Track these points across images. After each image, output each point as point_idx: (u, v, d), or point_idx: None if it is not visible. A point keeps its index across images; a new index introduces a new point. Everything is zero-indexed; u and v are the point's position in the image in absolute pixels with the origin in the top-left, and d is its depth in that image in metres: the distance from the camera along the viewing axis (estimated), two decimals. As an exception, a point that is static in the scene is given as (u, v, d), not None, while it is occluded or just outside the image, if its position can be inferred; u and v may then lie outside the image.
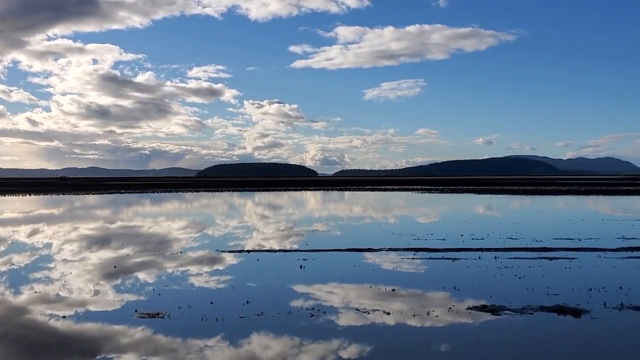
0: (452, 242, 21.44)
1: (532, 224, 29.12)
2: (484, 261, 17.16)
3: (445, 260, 17.52)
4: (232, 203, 56.02)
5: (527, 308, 11.40)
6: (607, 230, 25.25)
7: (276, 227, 28.85)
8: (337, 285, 13.88)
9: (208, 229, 28.30)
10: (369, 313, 11.21)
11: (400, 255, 18.56)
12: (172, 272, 16.00)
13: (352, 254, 18.83)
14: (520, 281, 14.10)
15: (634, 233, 24.06)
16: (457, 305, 11.78)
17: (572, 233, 24.18)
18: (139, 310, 11.58)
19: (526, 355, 8.94)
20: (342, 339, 9.61)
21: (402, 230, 25.96)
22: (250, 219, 34.64)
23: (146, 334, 9.99)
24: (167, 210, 46.08)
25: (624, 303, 11.72)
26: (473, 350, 9.14)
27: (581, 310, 11.20)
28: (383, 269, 16.25)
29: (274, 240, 23.26)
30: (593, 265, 16.28)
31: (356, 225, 29.79)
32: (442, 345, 9.31)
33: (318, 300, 12.38)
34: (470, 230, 25.72)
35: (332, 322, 10.64)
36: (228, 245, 21.33)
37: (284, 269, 16.24)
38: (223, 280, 14.65)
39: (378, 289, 13.36)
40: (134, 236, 25.40)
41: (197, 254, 19.36)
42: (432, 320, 10.68)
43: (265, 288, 13.73)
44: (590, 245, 20.37)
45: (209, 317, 10.93)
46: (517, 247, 19.90)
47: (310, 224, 30.60)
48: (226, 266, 16.95)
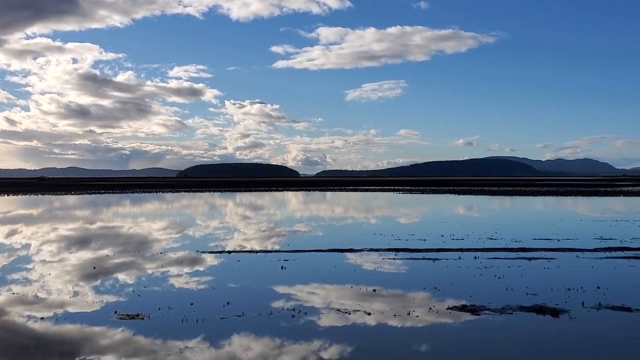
0: (432, 243, 21.55)
1: (511, 224, 29.38)
2: (464, 261, 17.28)
3: (426, 260, 17.61)
4: (213, 203, 55.79)
5: (506, 308, 11.50)
6: (585, 231, 25.55)
7: (257, 228, 28.79)
8: (318, 286, 13.89)
9: (188, 230, 28.16)
10: (350, 313, 11.23)
11: (381, 255, 18.62)
12: (152, 273, 15.90)
13: (333, 255, 18.85)
14: (499, 281, 14.21)
15: (612, 233, 24.37)
16: (437, 305, 11.84)
17: (550, 233, 24.43)
18: (118, 311, 11.49)
19: (505, 355, 9.02)
20: (323, 340, 9.62)
21: (384, 231, 26.05)
22: (231, 220, 34.53)
23: (126, 335, 9.91)
24: (148, 210, 45.77)
25: (601, 303, 11.87)
26: (453, 350, 9.20)
27: (559, 310, 11.32)
28: (364, 269, 16.30)
29: (255, 241, 23.21)
30: (571, 266, 16.47)
31: (338, 225, 29.82)
32: (422, 345, 9.35)
33: (299, 301, 12.38)
34: (450, 230, 25.87)
35: (313, 323, 10.65)
36: (209, 246, 21.24)
37: (265, 270, 16.22)
38: (203, 281, 14.59)
39: (359, 290, 13.39)
40: (114, 237, 25.20)
41: (177, 254, 19.26)
42: (412, 321, 10.73)
43: (246, 289, 13.70)
44: (568, 245, 20.60)
45: (189, 318, 10.87)
46: (496, 248, 20.06)
47: (291, 224, 30.58)
48: (207, 267, 16.88)
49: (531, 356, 8.93)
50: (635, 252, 18.91)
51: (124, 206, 51.78)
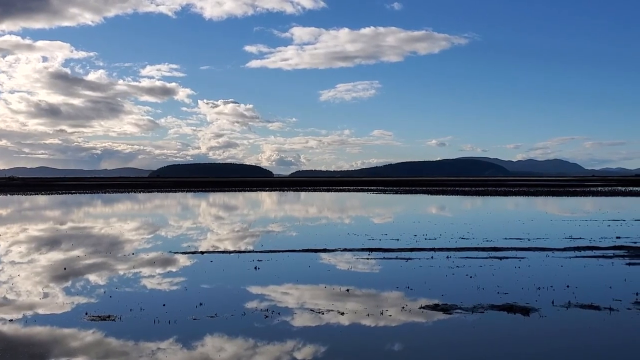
0: (405, 242, 21.69)
1: (483, 224, 29.70)
2: (436, 261, 17.42)
3: (399, 260, 17.71)
4: (186, 204, 55.40)
5: (477, 307, 11.63)
6: (555, 231, 25.93)
7: (231, 228, 28.67)
8: (292, 286, 13.88)
9: (161, 230, 27.92)
10: (324, 313, 11.25)
11: (355, 255, 18.67)
12: (124, 274, 15.73)
13: (307, 255, 18.86)
14: (471, 280, 14.36)
15: (581, 233, 24.78)
16: (410, 304, 11.92)
17: (521, 233, 24.75)
18: (89, 313, 11.35)
19: (476, 354, 9.11)
20: (296, 340, 9.62)
21: (357, 231, 26.13)
22: (205, 220, 34.33)
23: (97, 337, 9.80)
24: (119, 211, 45.26)
25: (571, 301, 12.06)
26: (426, 350, 9.28)
27: (530, 308, 11.48)
28: (338, 269, 16.33)
29: (228, 241, 23.10)
30: (541, 265, 16.70)
31: (311, 226, 29.84)
32: (395, 345, 9.41)
33: (273, 301, 12.36)
34: (423, 230, 26.06)
35: (287, 323, 10.64)
36: (181, 247, 21.09)
37: (238, 270, 16.16)
38: (176, 282, 14.48)
39: (333, 290, 13.42)
40: (85, 237, 24.87)
41: (149, 255, 19.09)
42: (385, 320, 10.79)
43: (219, 290, 13.64)
44: (538, 245, 20.89)
45: (161, 320, 10.79)
46: (468, 247, 20.26)
47: (265, 225, 30.51)
48: (179, 268, 16.76)
49: (502, 355, 9.05)
50: (604, 251, 19.26)
51: (95, 206, 51.13)
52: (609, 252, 19.05)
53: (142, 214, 41.39)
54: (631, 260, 17.24)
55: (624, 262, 16.94)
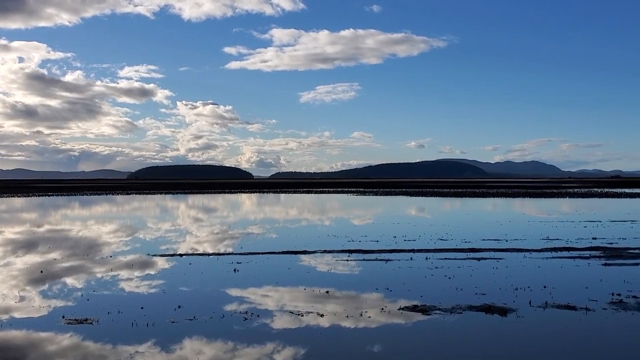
0: (385, 244, 21.77)
1: (461, 225, 29.91)
2: (415, 262, 17.51)
3: (378, 261, 17.77)
4: (165, 206, 55.05)
5: (456, 307, 11.71)
6: (532, 232, 26.21)
7: (210, 231, 28.55)
8: (271, 289, 13.86)
9: (139, 233, 27.71)
10: (303, 315, 11.25)
11: (334, 257, 18.70)
12: (102, 276, 15.59)
13: (287, 257, 18.85)
14: (450, 281, 14.46)
15: (558, 234, 25.07)
16: (389, 305, 11.98)
17: (499, 234, 24.97)
18: (66, 316, 11.24)
19: (455, 354, 9.18)
20: (275, 342, 9.61)
21: (337, 232, 26.18)
22: (184, 222, 34.14)
23: (74, 341, 9.70)
24: (97, 213, 44.83)
25: (548, 302, 12.20)
26: (405, 351, 9.32)
27: (507, 309, 11.59)
28: (318, 271, 16.35)
29: (207, 243, 23.01)
30: (519, 265, 16.87)
31: (291, 227, 29.82)
32: (374, 346, 9.44)
33: (252, 303, 12.34)
34: (402, 231, 26.18)
35: (266, 326, 10.63)
36: (160, 249, 20.96)
37: (217, 273, 16.10)
38: (154, 285, 14.39)
39: (312, 291, 13.43)
40: (62, 240, 24.59)
41: (127, 258, 18.94)
42: (365, 321, 10.82)
43: (198, 292, 13.57)
44: (516, 245, 21.10)
45: (140, 323, 10.71)
46: (447, 248, 20.40)
47: (245, 227, 30.43)
48: (158, 270, 16.65)
49: (480, 355, 9.12)
50: (581, 252, 19.50)
51: (73, 209, 50.59)
52: (586, 252, 19.29)
53: (120, 216, 41.04)
54: (607, 261, 17.48)
55: (600, 263, 17.17)
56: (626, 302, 12.07)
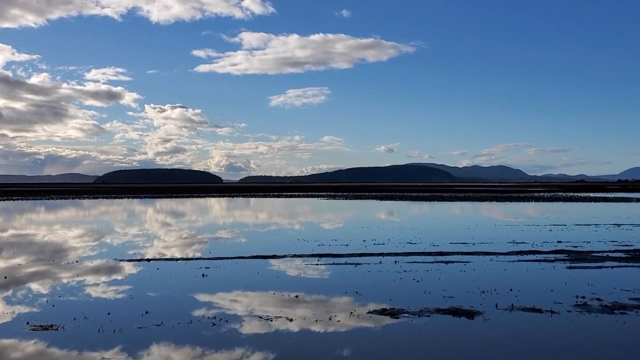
0: (355, 248, 21.85)
1: (430, 229, 30.17)
2: (384, 265, 17.61)
3: (348, 265, 17.82)
4: (132, 210, 54.41)
5: (424, 310, 11.81)
6: (499, 235, 26.57)
7: (178, 235, 28.31)
8: (240, 293, 13.80)
9: (106, 238, 27.34)
10: (272, 320, 11.23)
11: (304, 261, 18.70)
12: (68, 282, 15.34)
13: (256, 261, 18.78)
14: (418, 284, 14.58)
15: (524, 237, 25.45)
16: (358, 309, 12.02)
17: (466, 238, 25.26)
18: (31, 322, 11.03)
19: (422, 357, 9.25)
20: (244, 347, 9.57)
21: (307, 237, 26.18)
22: (151, 227, 33.79)
23: (39, 348, 9.52)
24: (63, 217, 44.09)
25: (514, 304, 12.38)
26: (373, 354, 9.35)
27: (474, 311, 11.73)
28: (287, 275, 16.32)
29: (175, 248, 22.80)
30: (486, 269, 17.09)
31: (261, 232, 29.73)
32: (344, 350, 9.47)
33: (221, 308, 12.26)
34: (372, 235, 26.31)
35: (235, 331, 10.58)
36: (127, 254, 20.70)
37: (185, 278, 15.96)
38: (121, 290, 14.21)
39: (282, 296, 13.41)
40: (27, 245, 24.12)
41: (94, 263, 18.67)
42: (334, 325, 10.84)
43: (166, 298, 13.44)
44: (483, 249, 21.36)
45: (106, 329, 10.57)
46: (415, 252, 20.56)
47: (213, 231, 30.24)
48: (125, 276, 16.45)
49: (447, 358, 9.21)
50: (546, 255, 19.83)
51: (38, 213, 49.66)
52: (551, 256, 19.62)
53: (87, 220, 40.43)
54: (571, 264, 17.80)
55: (565, 266, 17.48)
56: (590, 305, 12.31)
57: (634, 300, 12.65)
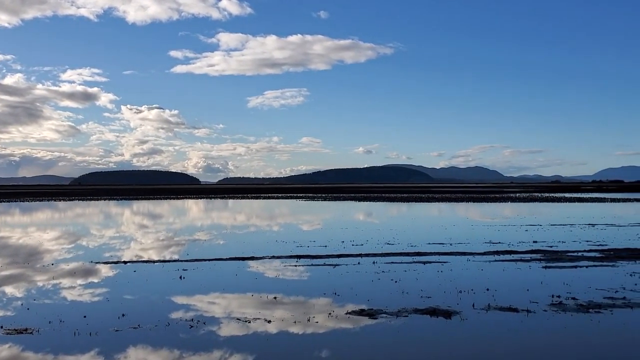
0: (333, 249, 21.87)
1: (408, 229, 30.32)
2: (363, 266, 17.65)
3: (326, 266, 17.83)
4: (109, 212, 53.87)
5: (402, 311, 11.86)
6: (476, 236, 26.78)
7: (155, 237, 28.09)
8: (218, 296, 13.74)
9: (82, 240, 27.03)
10: (250, 322, 11.19)
11: (283, 262, 18.67)
12: (43, 285, 15.14)
13: (234, 263, 18.71)
14: (396, 285, 14.64)
15: (500, 238, 25.69)
16: (337, 310, 12.03)
17: (444, 238, 25.43)
18: (5, 326, 10.86)
19: (400, 357, 9.29)
20: (222, 350, 9.53)
21: (286, 238, 26.14)
22: (128, 229, 33.49)
23: (13, 352, 9.38)
24: (39, 220, 43.51)
25: (490, 304, 12.49)
26: (351, 355, 9.37)
27: (452, 311, 11.81)
28: (266, 277, 16.28)
29: (152, 250, 22.63)
30: (463, 269, 17.22)
31: (239, 233, 29.63)
32: (322, 351, 9.47)
33: (198, 311, 12.20)
34: (350, 236, 26.36)
35: (213, 333, 10.53)
36: (104, 256, 20.49)
37: (162, 280, 15.85)
38: (98, 293, 14.06)
39: (260, 298, 13.37)
40: (1, 248, 23.75)
41: (70, 265, 18.45)
42: (313, 327, 10.84)
43: (143, 300, 13.33)
44: (460, 249, 21.53)
45: (82, 332, 10.45)
46: (393, 252, 20.64)
47: (191, 233, 30.07)
48: (101, 278, 16.28)
49: (424, 358, 9.26)
50: (522, 255, 20.04)
51: (13, 215, 48.92)
52: (527, 256, 19.84)
53: (62, 223, 39.94)
54: (547, 264, 18.01)
55: (541, 266, 17.68)
56: (565, 304, 12.47)
57: (609, 300, 12.84)
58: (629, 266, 17.45)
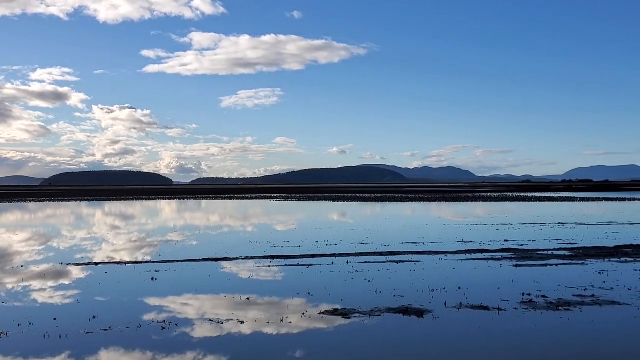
0: (307, 249, 21.88)
1: (381, 229, 30.46)
2: (336, 266, 17.69)
3: (300, 266, 17.84)
4: (80, 213, 53.15)
5: (375, 310, 11.92)
6: (448, 235, 27.03)
7: (127, 238, 27.80)
8: (191, 297, 13.65)
9: (53, 241, 26.63)
10: (224, 323, 11.15)
11: (256, 263, 18.63)
12: (12, 287, 14.89)
13: (207, 264, 18.61)
14: (369, 284, 14.70)
15: (472, 237, 25.96)
16: (310, 310, 12.05)
17: (417, 237, 25.60)
18: (-29, 331, 10.66)
19: (372, 356, 9.33)
20: (195, 351, 9.48)
21: (259, 239, 26.08)
22: (100, 230, 33.09)
23: (-20, 357, 9.21)
24: (8, 221, 42.73)
25: (462, 302, 12.62)
26: (324, 355, 9.39)
27: (424, 310, 11.91)
28: (239, 278, 16.23)
29: (124, 251, 22.39)
30: (435, 268, 17.37)
31: (213, 234, 29.47)
32: (295, 351, 9.48)
33: (171, 312, 12.11)
34: (324, 236, 26.40)
35: (186, 335, 10.46)
36: (75, 258, 20.22)
37: (134, 282, 15.70)
38: (68, 295, 13.87)
39: (233, 299, 13.32)
40: (-33, 251, 23.28)
41: (40, 267, 18.17)
42: (286, 327, 10.83)
43: (114, 302, 13.19)
44: (433, 248, 21.69)
45: (52, 334, 10.31)
46: (367, 252, 20.73)
47: (164, 234, 29.82)
48: (72, 280, 16.07)
49: (396, 356, 9.32)
50: (493, 254, 20.27)
51: (-21, 217, 47.97)
52: (498, 254, 20.07)
53: (33, 224, 39.29)
54: (518, 262, 18.24)
55: (512, 264, 17.90)
56: (536, 302, 12.65)
57: (578, 297, 13.06)
58: (598, 264, 17.76)
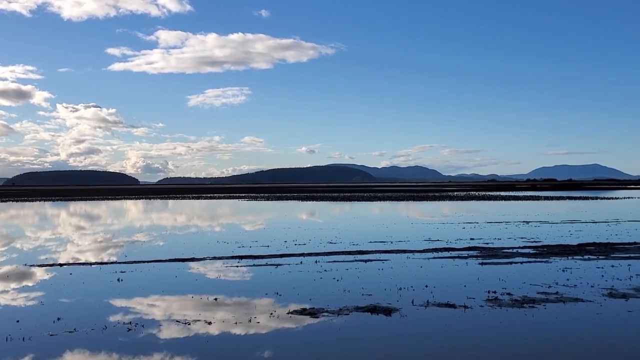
0: (275, 249, 21.84)
1: (350, 228, 30.56)
2: (305, 266, 17.69)
3: (268, 266, 17.79)
4: (45, 214, 52.18)
5: (343, 309, 11.96)
6: (415, 233, 27.25)
7: (92, 239, 27.39)
8: (157, 298, 13.51)
9: (16, 242, 26.08)
10: (191, 324, 11.05)
11: (224, 263, 18.52)
12: (-28, 290, 14.53)
13: (174, 265, 18.44)
14: (338, 283, 14.74)
15: (439, 235, 26.22)
16: (279, 310, 12.03)
17: (385, 236, 25.76)
18: None
19: (341, 355, 9.36)
20: (162, 353, 9.38)
21: (227, 239, 25.93)
22: (64, 231, 32.52)
23: (-61, 361, 8.98)
24: (-33, 222, 41.70)
25: (429, 300, 12.73)
26: (292, 354, 9.39)
27: (392, 308, 11.98)
28: (206, 278, 16.12)
29: (89, 252, 22.05)
30: (403, 266, 17.49)
31: (179, 234, 29.21)
32: (264, 352, 9.45)
33: (137, 314, 11.96)
34: (293, 236, 26.38)
35: (152, 336, 10.35)
36: (38, 259, 19.84)
37: (99, 283, 15.47)
38: (32, 297, 13.61)
39: (200, 299, 13.22)
40: None
41: (2, 269, 17.78)
42: (254, 327, 10.80)
43: (79, 303, 12.99)
44: (400, 247, 21.85)
45: (15, 337, 10.10)
46: (336, 251, 20.78)
47: (130, 234, 29.45)
48: (35, 281, 15.76)
49: (364, 355, 9.36)
50: (459, 252, 20.50)
51: (-62, 218, 46.75)
52: (464, 252, 20.31)
53: (-7, 225, 38.40)
54: (483, 260, 18.48)
55: (477, 262, 18.13)
56: (501, 299, 12.82)
57: (542, 295, 13.28)
58: (561, 262, 18.09)
